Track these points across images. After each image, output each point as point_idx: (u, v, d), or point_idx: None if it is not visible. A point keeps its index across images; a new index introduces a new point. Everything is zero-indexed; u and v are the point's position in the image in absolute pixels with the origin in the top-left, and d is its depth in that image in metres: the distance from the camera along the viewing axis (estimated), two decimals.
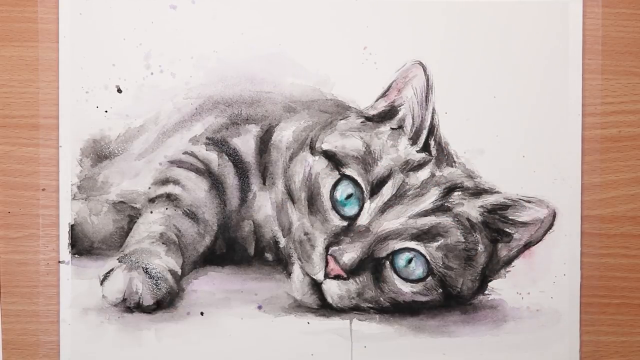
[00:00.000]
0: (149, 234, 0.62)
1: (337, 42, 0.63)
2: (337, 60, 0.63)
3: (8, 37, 0.62)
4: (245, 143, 0.63)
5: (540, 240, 0.63)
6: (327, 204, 0.62)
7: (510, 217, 0.63)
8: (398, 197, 0.62)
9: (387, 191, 0.62)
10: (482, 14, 0.63)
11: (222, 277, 0.63)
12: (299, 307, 0.63)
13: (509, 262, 0.63)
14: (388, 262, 0.62)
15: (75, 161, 0.62)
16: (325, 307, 0.62)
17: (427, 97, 0.63)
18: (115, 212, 0.62)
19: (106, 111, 0.62)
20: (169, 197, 0.62)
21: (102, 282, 0.62)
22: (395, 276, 0.62)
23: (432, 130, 0.63)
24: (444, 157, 0.63)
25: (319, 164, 0.62)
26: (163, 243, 0.62)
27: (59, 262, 0.62)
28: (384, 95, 0.63)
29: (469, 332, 0.63)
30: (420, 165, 0.62)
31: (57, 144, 0.62)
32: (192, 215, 0.62)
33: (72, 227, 0.62)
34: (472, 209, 0.63)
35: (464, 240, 0.62)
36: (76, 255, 0.62)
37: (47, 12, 0.62)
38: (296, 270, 0.62)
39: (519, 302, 0.64)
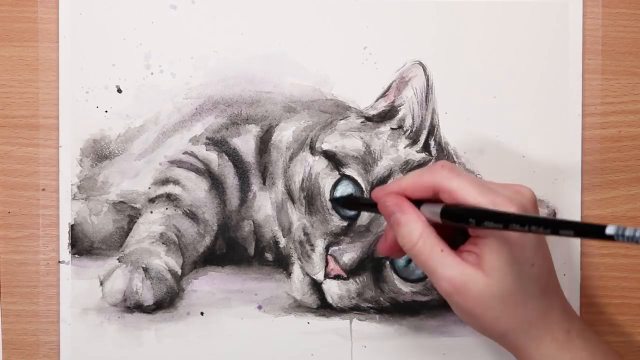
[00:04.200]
0: (149, 234, 0.62)
1: (337, 42, 0.63)
2: (337, 60, 0.63)
3: (8, 37, 0.62)
4: (245, 143, 0.63)
5: None
6: (327, 204, 0.62)
7: None
8: None
9: None
10: (482, 14, 0.63)
11: (222, 277, 0.63)
12: (299, 307, 0.63)
13: None
14: (388, 262, 0.62)
15: (75, 161, 0.62)
16: (325, 307, 0.62)
17: (427, 97, 0.63)
18: (115, 212, 0.62)
19: (106, 111, 0.62)
20: (169, 197, 0.62)
21: (102, 282, 0.62)
22: (395, 276, 0.62)
23: (432, 130, 0.63)
24: (444, 157, 0.63)
25: (319, 164, 0.62)
26: (163, 243, 0.62)
27: (59, 262, 0.62)
28: (384, 95, 0.63)
29: (469, 332, 0.63)
30: (420, 165, 0.62)
31: (57, 144, 0.62)
32: (192, 215, 0.62)
33: (72, 227, 0.62)
34: None
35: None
36: (76, 255, 0.62)
37: (47, 12, 0.62)
38: (296, 270, 0.62)
39: None
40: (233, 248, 0.63)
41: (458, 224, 0.49)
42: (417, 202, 0.52)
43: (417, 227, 0.50)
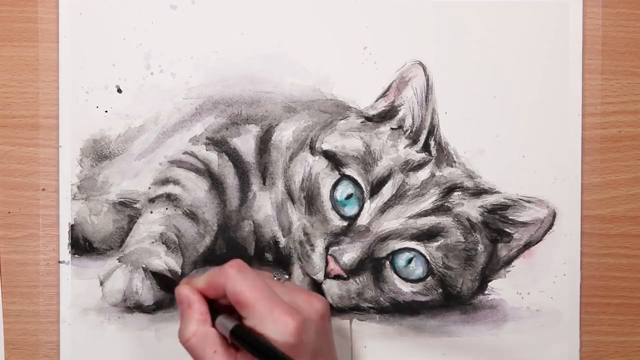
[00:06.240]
0: (149, 234, 0.62)
1: (337, 42, 0.63)
2: (337, 60, 0.63)
3: (8, 37, 0.62)
4: (245, 143, 0.63)
5: (540, 240, 0.63)
6: (327, 204, 0.62)
7: (510, 217, 0.63)
8: (398, 197, 0.62)
9: (387, 191, 0.62)
10: (482, 14, 0.63)
11: None
12: None
13: (509, 262, 0.63)
14: (388, 262, 0.62)
15: (75, 161, 0.62)
16: None
17: (427, 97, 0.63)
18: (115, 212, 0.62)
19: (106, 111, 0.62)
20: (169, 197, 0.62)
21: (102, 282, 0.62)
22: (395, 276, 0.62)
23: (432, 130, 0.63)
24: (444, 157, 0.63)
25: (319, 164, 0.62)
26: (163, 243, 0.62)
27: (59, 262, 0.62)
28: (384, 95, 0.63)
29: (469, 332, 0.63)
30: (420, 165, 0.62)
31: (57, 144, 0.62)
32: (192, 215, 0.62)
33: (72, 227, 0.62)
34: (472, 209, 0.63)
35: (464, 240, 0.62)
36: (76, 255, 0.62)
37: (47, 12, 0.62)
38: (296, 270, 0.62)
39: (519, 302, 0.64)
40: (233, 248, 0.63)
41: (242, 346, 0.50)
42: (217, 312, 0.52)
43: (193, 325, 0.51)
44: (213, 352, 0.51)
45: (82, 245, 0.62)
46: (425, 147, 0.63)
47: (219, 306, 0.53)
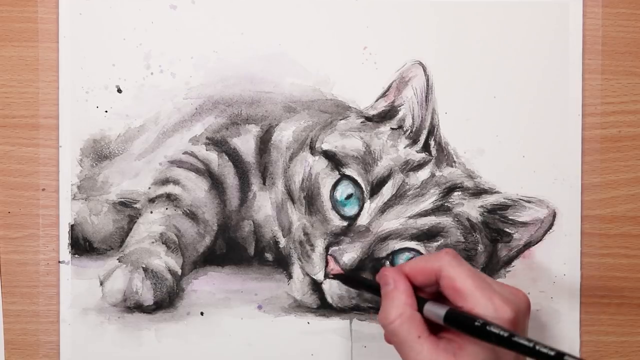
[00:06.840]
0: (149, 234, 0.62)
1: (337, 42, 0.63)
2: (337, 60, 0.63)
3: (8, 37, 0.62)
4: (245, 143, 0.63)
5: (540, 240, 0.63)
6: (327, 204, 0.62)
7: (510, 217, 0.63)
8: (398, 197, 0.62)
9: (387, 191, 0.62)
10: (482, 14, 0.63)
11: (222, 277, 0.63)
12: (299, 307, 0.63)
13: (509, 262, 0.63)
14: (388, 262, 0.62)
15: (75, 161, 0.62)
16: (325, 307, 0.62)
17: (427, 97, 0.63)
18: (115, 212, 0.62)
19: (106, 111, 0.62)
20: (169, 197, 0.62)
21: (102, 282, 0.62)
22: None
23: (432, 130, 0.63)
24: (444, 157, 0.63)
25: (319, 164, 0.62)
26: (163, 243, 0.62)
27: (59, 262, 0.62)
28: (384, 95, 0.63)
29: None
30: (420, 165, 0.62)
31: (57, 144, 0.62)
32: (192, 215, 0.62)
33: (72, 227, 0.62)
34: (472, 209, 0.63)
35: (463, 240, 0.62)
36: (76, 255, 0.62)
37: (47, 12, 0.62)
38: (296, 270, 0.62)
39: None
40: (233, 248, 0.63)
41: (459, 330, 0.49)
42: (423, 301, 0.52)
43: (399, 306, 0.51)
44: (417, 337, 0.49)
45: (82, 245, 0.62)
46: (425, 147, 0.63)
47: (422, 295, 0.52)
